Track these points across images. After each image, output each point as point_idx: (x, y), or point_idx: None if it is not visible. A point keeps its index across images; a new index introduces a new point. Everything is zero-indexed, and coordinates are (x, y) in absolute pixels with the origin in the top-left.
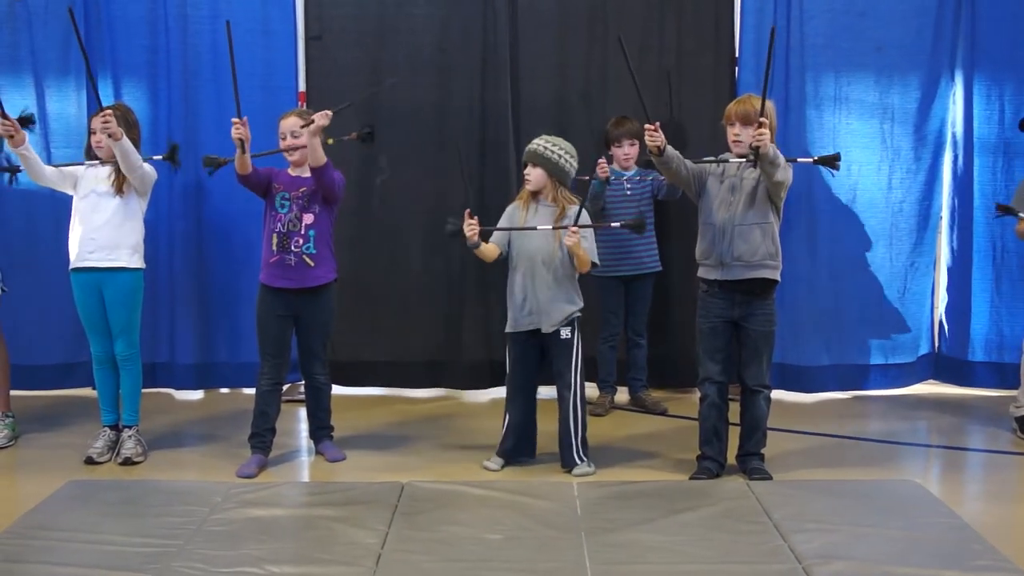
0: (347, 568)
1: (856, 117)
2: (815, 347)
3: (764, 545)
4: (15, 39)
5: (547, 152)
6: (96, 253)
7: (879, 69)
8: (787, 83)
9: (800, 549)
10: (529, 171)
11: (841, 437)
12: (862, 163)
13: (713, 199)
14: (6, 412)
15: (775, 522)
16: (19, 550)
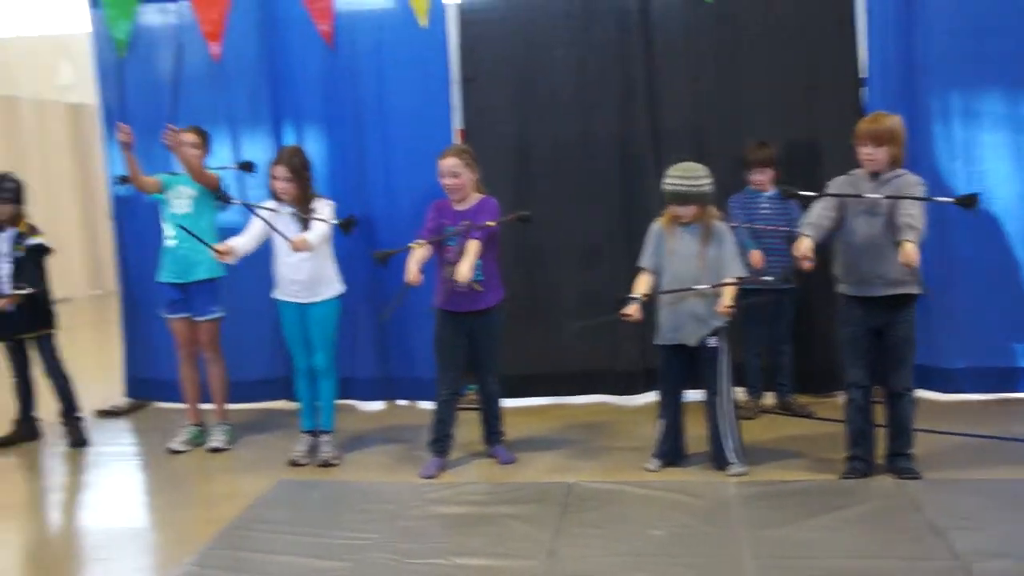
0: (524, 561)
1: (986, 130)
2: (953, 349)
3: (921, 542)
4: (215, 97)
5: (693, 189)
6: (300, 293)
7: (1008, 82)
8: (914, 100)
9: (957, 546)
10: (681, 210)
11: (988, 437)
12: (995, 173)
13: (852, 220)
14: (223, 421)
15: (929, 520)
16: (243, 540)
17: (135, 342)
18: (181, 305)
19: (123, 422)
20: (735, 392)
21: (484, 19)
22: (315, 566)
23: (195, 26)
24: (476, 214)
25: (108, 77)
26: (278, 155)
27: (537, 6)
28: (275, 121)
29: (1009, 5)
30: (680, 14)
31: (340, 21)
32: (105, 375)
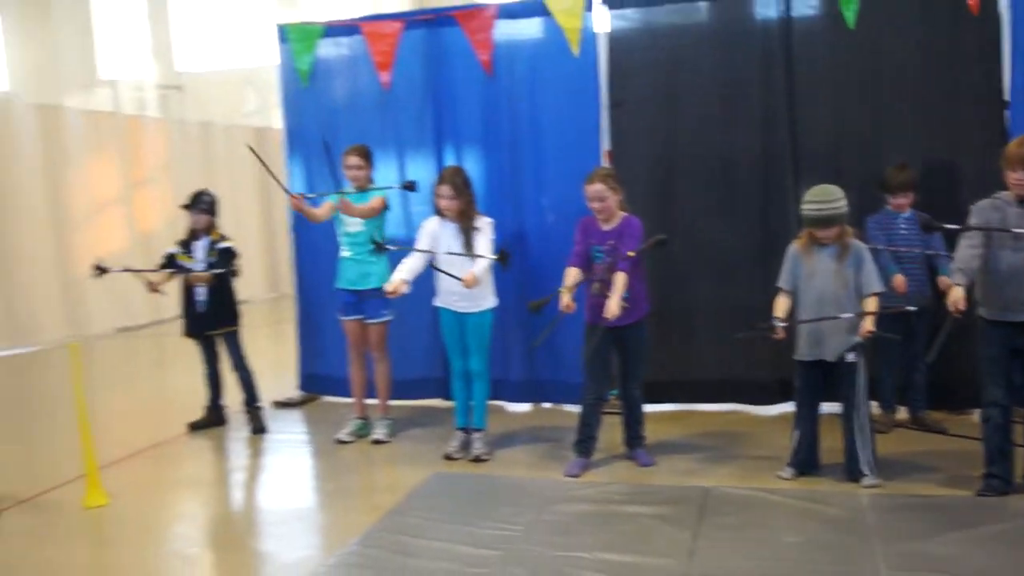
0: (664, 559)
1: None
2: None
3: None
4: (383, 121)
5: (832, 212)
6: (460, 303)
7: None
8: None
9: None
10: (822, 232)
11: None
12: None
13: (998, 248)
14: (385, 416)
15: None
16: (402, 526)
17: (308, 341)
18: (354, 309)
19: (296, 413)
20: (869, 406)
21: (632, 47)
22: (468, 553)
23: (368, 57)
24: (621, 234)
25: (291, 104)
26: (441, 175)
27: (683, 34)
28: (437, 143)
29: None
30: (822, 39)
31: (499, 51)
32: (280, 370)
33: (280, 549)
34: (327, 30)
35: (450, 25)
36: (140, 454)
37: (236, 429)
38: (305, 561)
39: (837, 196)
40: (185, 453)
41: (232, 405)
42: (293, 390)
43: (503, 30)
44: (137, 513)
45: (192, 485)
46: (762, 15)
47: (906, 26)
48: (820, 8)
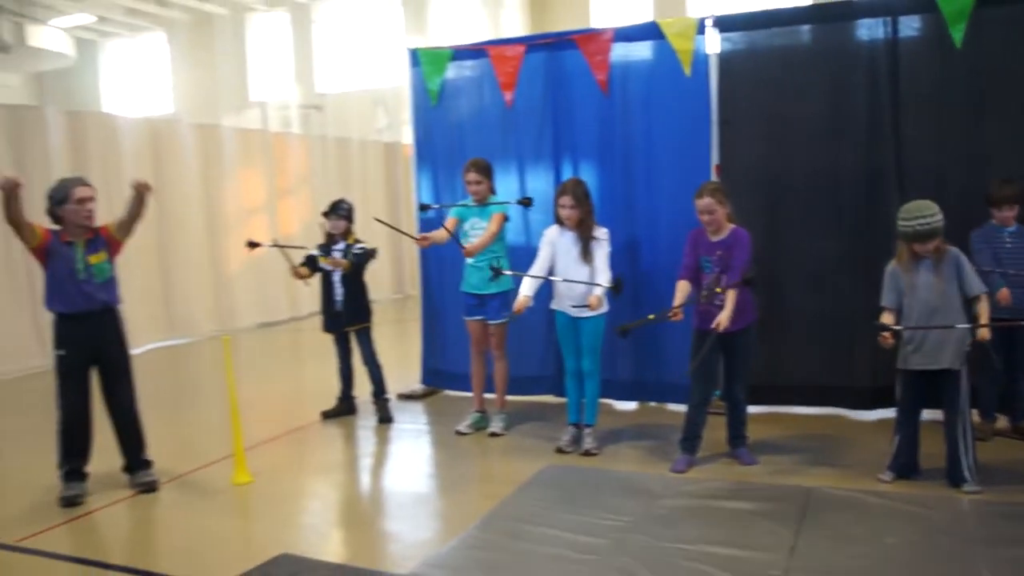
0: (765, 554)
1: None
2: None
3: None
4: (505, 137)
5: (931, 226)
6: (575, 309)
7: None
8: None
9: None
10: (922, 247)
11: None
12: None
13: None
14: (502, 410)
15: None
16: (518, 513)
17: (431, 339)
18: (477, 310)
19: (419, 405)
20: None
21: (741, 68)
22: (580, 541)
23: (492, 78)
24: (731, 246)
25: (421, 121)
26: (563, 186)
27: (789, 55)
28: (555, 157)
29: None
30: (929, 59)
31: (615, 71)
32: (404, 365)
33: (404, 530)
34: (455, 53)
35: (569, 48)
36: (279, 438)
37: (364, 418)
38: (427, 542)
39: (934, 211)
40: (318, 439)
41: (361, 396)
42: (416, 384)
43: (619, 52)
44: (277, 491)
45: (325, 468)
46: (868, 36)
47: (1013, 45)
48: (927, 30)
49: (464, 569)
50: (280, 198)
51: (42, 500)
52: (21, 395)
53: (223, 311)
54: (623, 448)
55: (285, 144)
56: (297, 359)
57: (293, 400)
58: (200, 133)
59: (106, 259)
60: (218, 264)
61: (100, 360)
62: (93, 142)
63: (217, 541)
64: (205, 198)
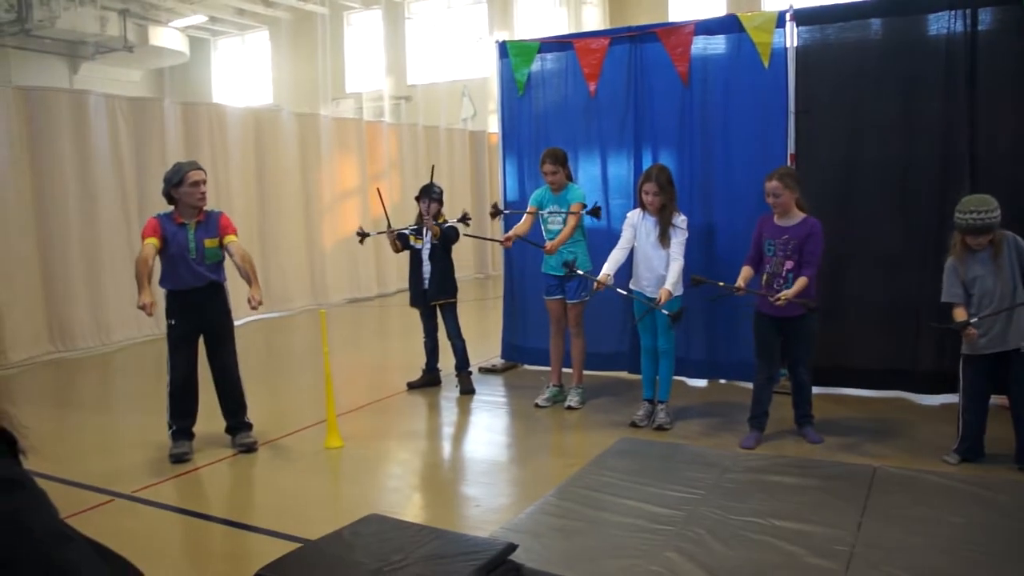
0: (833, 530)
1: None
2: None
3: None
4: (588, 125)
5: (988, 221)
6: (650, 288)
7: None
8: None
9: None
10: (976, 240)
11: None
12: None
13: None
14: (579, 385)
15: None
16: (593, 482)
17: (512, 316)
18: (557, 290)
19: (499, 379)
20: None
21: (819, 60)
22: (653, 511)
23: (577, 69)
24: (802, 235)
25: (508, 110)
26: (648, 172)
27: (867, 45)
28: (636, 145)
29: None
30: (1008, 50)
31: (695, 64)
32: (486, 341)
33: (484, 495)
34: (542, 46)
35: (651, 41)
36: (367, 407)
37: (448, 390)
38: (506, 507)
39: (992, 206)
40: (404, 408)
41: (445, 369)
42: (497, 358)
43: (699, 45)
44: (365, 455)
45: (409, 435)
46: (946, 28)
47: None
48: (1007, 23)
49: (541, 534)
50: (371, 182)
51: (154, 456)
52: (138, 360)
53: (317, 287)
54: (694, 424)
55: (377, 132)
56: (384, 333)
57: (381, 371)
58: (299, 121)
59: (218, 245)
60: (313, 244)
61: (206, 329)
62: (204, 130)
63: (309, 500)
64: (302, 182)
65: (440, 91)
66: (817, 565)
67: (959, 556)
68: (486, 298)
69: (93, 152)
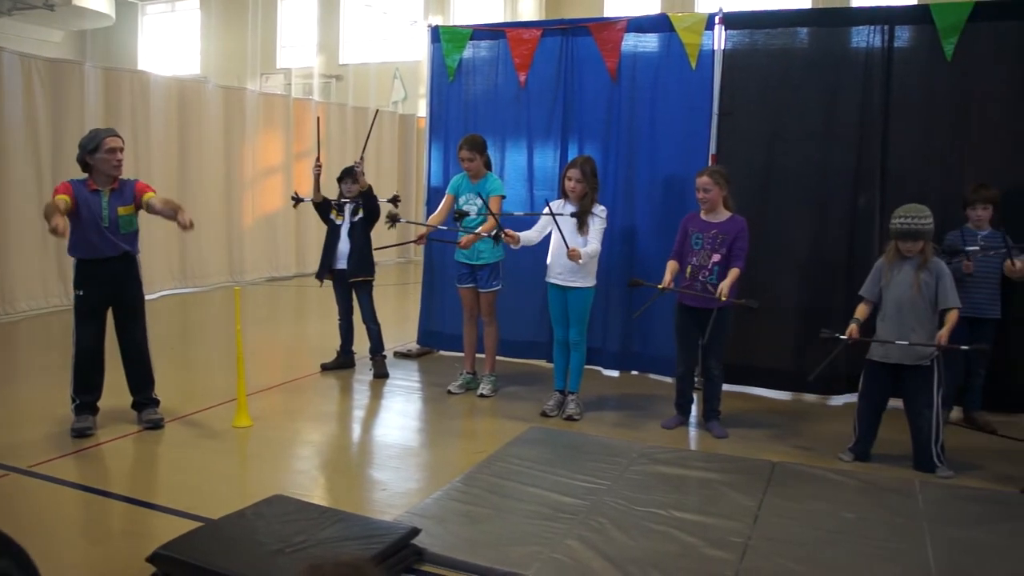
0: (731, 522)
1: None
2: None
3: None
4: (518, 114)
5: (920, 227)
6: (563, 275)
7: None
8: None
9: None
10: (907, 245)
11: None
12: None
13: None
14: (491, 373)
15: None
16: (501, 470)
17: (429, 302)
18: (469, 278)
19: (414, 364)
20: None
21: (744, 63)
22: (558, 500)
23: (508, 58)
24: (728, 227)
25: (437, 96)
26: (573, 161)
27: (792, 53)
28: (563, 137)
29: None
30: (921, 67)
31: (624, 60)
32: (402, 325)
33: (392, 479)
34: (475, 33)
35: (583, 35)
36: (279, 387)
37: (361, 373)
38: (413, 492)
39: (925, 214)
40: (316, 389)
41: (360, 352)
42: (412, 343)
43: (630, 42)
44: (274, 436)
45: (320, 417)
46: (865, 42)
47: (1000, 62)
48: (920, 41)
49: (445, 520)
50: (296, 160)
51: (55, 431)
52: (43, 331)
53: (234, 265)
54: (605, 414)
55: (305, 110)
56: (301, 314)
57: (295, 352)
58: (225, 95)
59: (133, 212)
60: (232, 220)
61: (115, 302)
62: (126, 97)
63: (215, 479)
64: (225, 156)
65: (372, 72)
66: (713, 556)
67: (848, 549)
68: (407, 283)
69: (4, 113)
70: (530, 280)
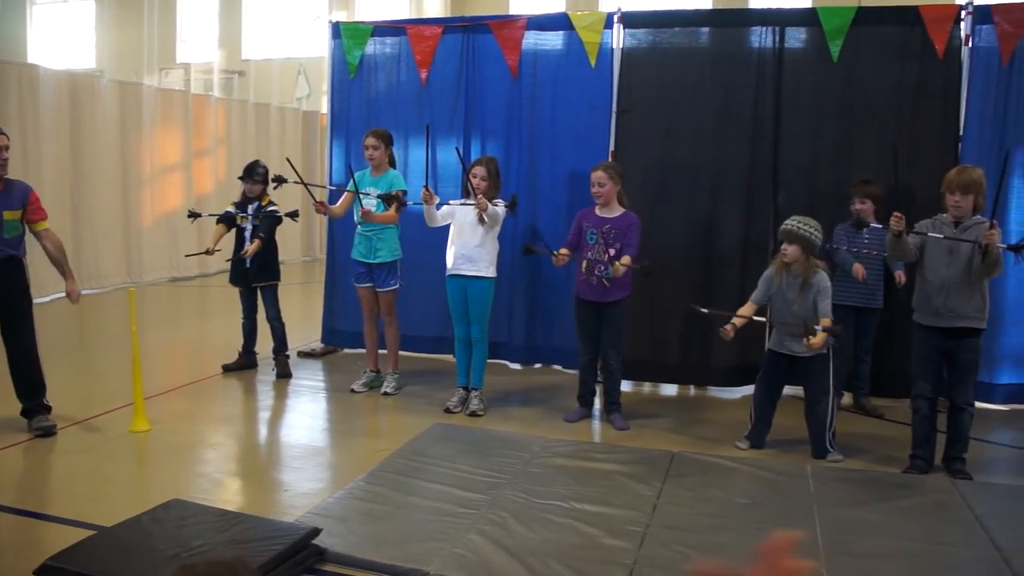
0: (630, 512)
1: None
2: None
3: (967, 534)
4: (420, 112)
5: (801, 231)
6: (464, 266)
7: None
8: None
9: (1000, 541)
10: (787, 247)
11: None
12: None
13: (933, 258)
14: (395, 370)
15: (977, 516)
16: (404, 467)
17: (332, 300)
18: (366, 278)
19: (318, 363)
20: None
21: (642, 62)
22: (459, 495)
23: (410, 55)
24: (621, 222)
25: (338, 92)
26: (479, 160)
27: (687, 52)
28: (466, 134)
29: None
30: (809, 67)
31: (525, 57)
32: (307, 324)
33: (295, 480)
34: (375, 29)
35: (484, 32)
36: (179, 389)
37: (264, 373)
38: (317, 492)
39: (815, 227)
40: (218, 391)
41: (263, 352)
42: (316, 342)
43: (530, 40)
44: (174, 440)
45: (222, 419)
46: (758, 43)
47: (882, 64)
48: (809, 42)
49: (347, 519)
50: (196, 158)
51: None
52: None
53: (132, 265)
54: (509, 409)
55: (205, 106)
56: (204, 314)
57: (197, 353)
58: (121, 90)
59: (19, 219)
60: (130, 219)
61: (1, 307)
62: (13, 91)
63: (110, 486)
64: (121, 154)
65: (275, 68)
66: (612, 545)
67: (742, 533)
68: (312, 281)
69: None
70: (435, 275)
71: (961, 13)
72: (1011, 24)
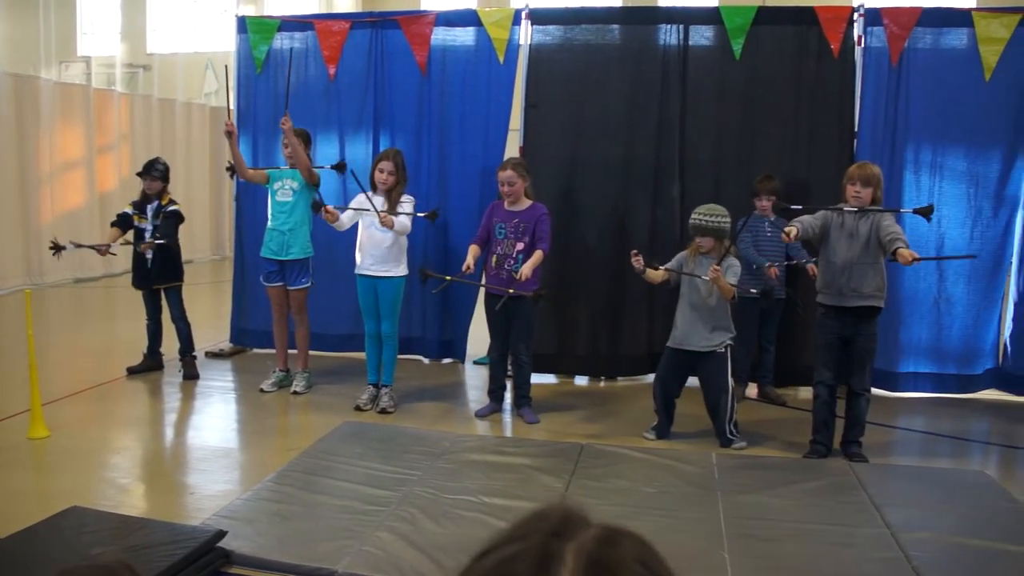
0: (539, 504)
1: (947, 181)
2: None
3: (861, 513)
4: (328, 107)
5: (711, 224)
6: (374, 266)
7: (968, 143)
8: (892, 152)
9: (889, 519)
10: (701, 240)
11: (924, 433)
12: (950, 218)
13: (835, 243)
14: (305, 369)
15: (870, 496)
16: (313, 466)
17: (241, 299)
18: (277, 276)
19: (227, 363)
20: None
21: (549, 58)
22: (369, 492)
23: (318, 51)
24: (528, 215)
25: (244, 88)
26: (384, 153)
27: (595, 51)
28: (375, 129)
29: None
30: (713, 65)
31: (434, 54)
32: (215, 324)
33: (203, 482)
34: (282, 24)
35: (392, 28)
36: (82, 393)
37: (171, 375)
38: (224, 494)
39: (722, 214)
40: (123, 394)
41: (169, 353)
42: (225, 342)
43: (439, 36)
44: (76, 445)
45: (127, 423)
46: (664, 41)
47: (782, 62)
48: (713, 40)
49: (255, 520)
50: (98, 155)
51: None
52: None
53: (32, 266)
54: (420, 405)
55: (107, 101)
56: (108, 316)
57: (100, 356)
58: (15, 84)
59: None
60: (29, 218)
61: None
62: None
63: (7, 495)
64: (17, 150)
65: (181, 62)
66: None
67: (648, 521)
68: (221, 280)
69: None
70: (346, 272)
71: (854, 15)
72: (899, 26)
